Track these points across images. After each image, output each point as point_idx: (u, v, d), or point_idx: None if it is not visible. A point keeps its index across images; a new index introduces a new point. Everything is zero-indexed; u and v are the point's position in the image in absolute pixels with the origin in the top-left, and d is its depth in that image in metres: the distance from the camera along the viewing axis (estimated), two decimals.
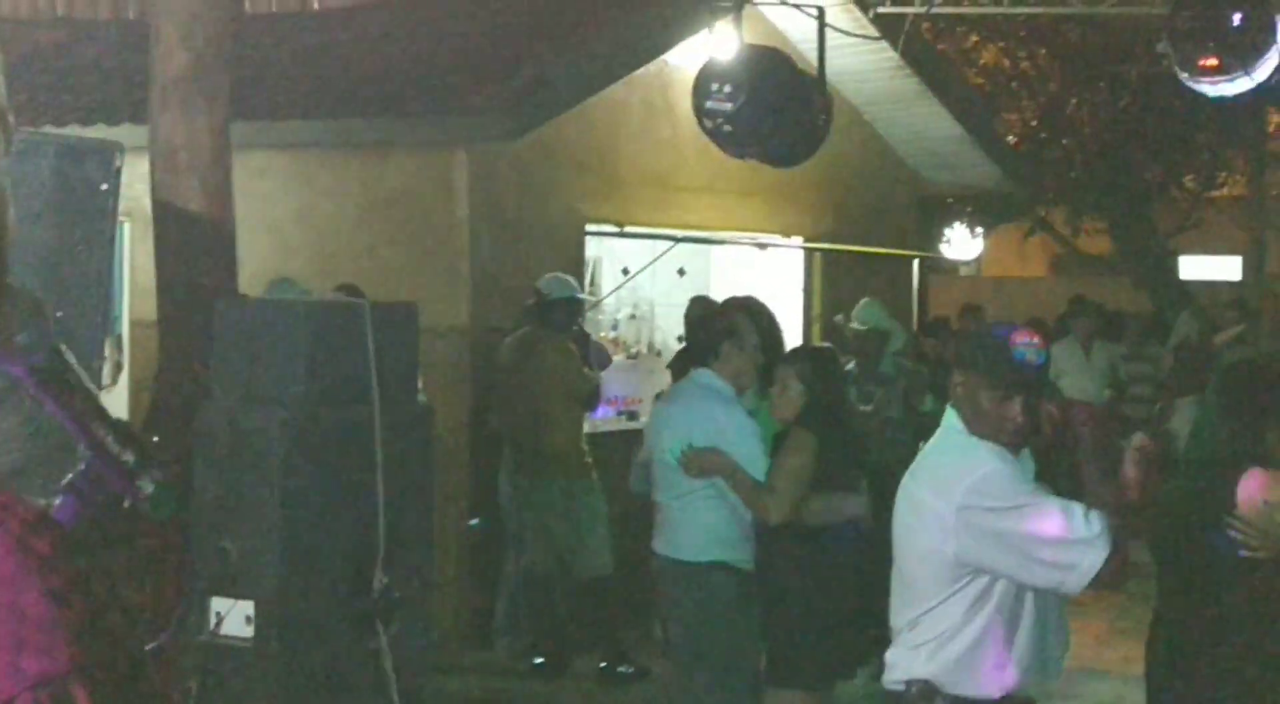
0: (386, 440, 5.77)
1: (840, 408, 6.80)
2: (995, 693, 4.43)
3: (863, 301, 10.65)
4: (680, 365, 8.44)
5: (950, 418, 4.51)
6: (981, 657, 4.42)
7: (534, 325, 9.74)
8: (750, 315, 6.95)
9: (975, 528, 4.33)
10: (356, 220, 10.54)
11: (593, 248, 11.61)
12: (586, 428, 10.18)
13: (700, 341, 6.95)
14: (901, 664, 4.54)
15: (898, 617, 4.59)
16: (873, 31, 12.25)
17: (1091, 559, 4.23)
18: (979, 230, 24.37)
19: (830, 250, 13.51)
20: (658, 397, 8.07)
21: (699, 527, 6.76)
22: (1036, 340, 4.39)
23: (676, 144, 11.64)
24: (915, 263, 15.41)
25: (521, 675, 9.62)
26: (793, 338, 13.42)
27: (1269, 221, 19.33)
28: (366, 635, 5.69)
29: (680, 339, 11.31)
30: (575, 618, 9.73)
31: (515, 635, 9.90)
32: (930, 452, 4.64)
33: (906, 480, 4.60)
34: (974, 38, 20.37)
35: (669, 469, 6.76)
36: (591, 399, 9.93)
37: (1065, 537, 4.23)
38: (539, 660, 9.63)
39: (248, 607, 5.53)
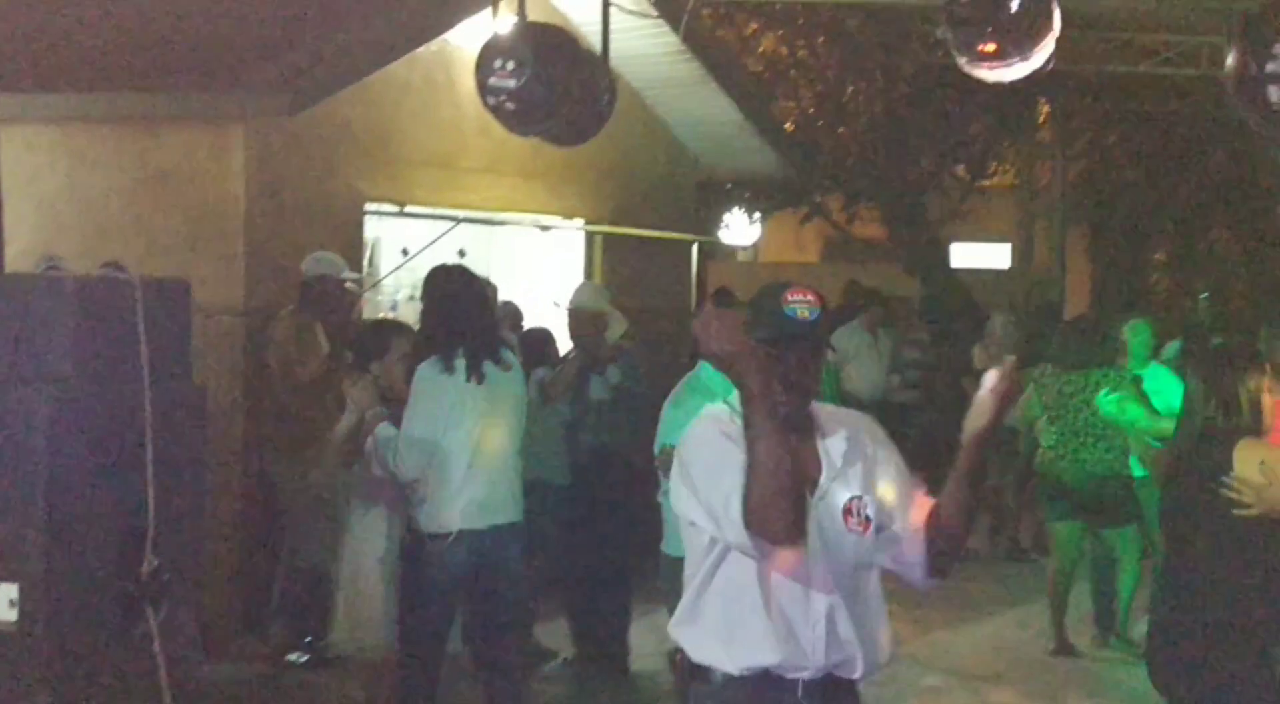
0: (156, 421, 5.63)
1: None
2: (734, 669, 4.32)
3: (579, 284, 10.58)
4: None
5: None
6: (721, 626, 4.33)
7: (298, 306, 9.61)
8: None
9: (680, 475, 4.31)
10: (129, 197, 10.28)
11: (372, 228, 11.47)
12: None
13: None
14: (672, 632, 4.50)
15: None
16: (654, 14, 12.29)
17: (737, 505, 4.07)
18: (757, 215, 24.69)
19: (611, 233, 13.54)
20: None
21: (673, 523, 6.83)
22: (810, 297, 4.27)
23: (458, 124, 11.56)
24: (695, 247, 15.50)
25: (293, 662, 9.49)
26: None
27: (1038, 211, 19.81)
28: (135, 619, 5.56)
29: None
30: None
31: (288, 621, 9.76)
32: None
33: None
34: (753, 25, 20.55)
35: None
36: (314, 387, 9.52)
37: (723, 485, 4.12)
38: (310, 644, 9.50)
39: (11, 590, 5.36)
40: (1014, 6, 6.72)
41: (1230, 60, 6.21)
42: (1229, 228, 25.20)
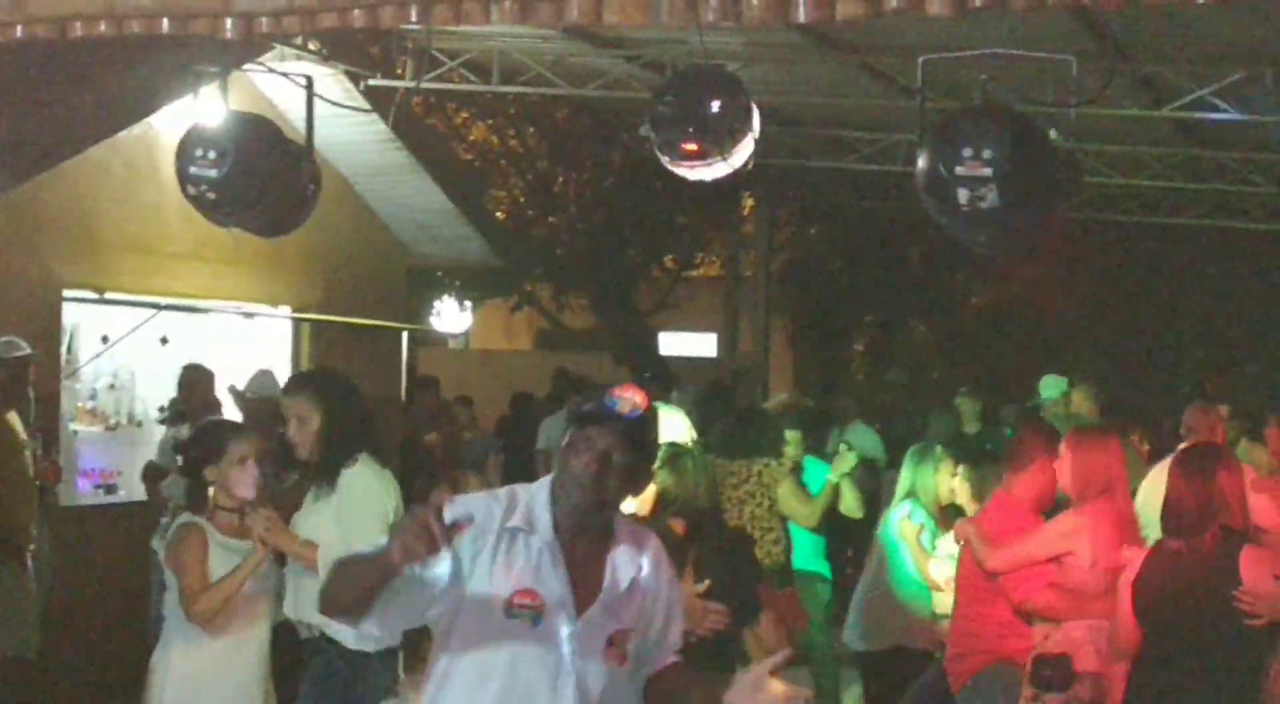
0: None
1: None
2: None
3: (257, 371, 10.45)
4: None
5: None
6: None
7: None
8: None
9: None
10: None
11: (71, 314, 11.19)
12: (65, 501, 9.78)
13: None
14: None
15: None
16: (363, 103, 12.26)
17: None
18: (468, 304, 24.71)
19: (318, 321, 13.41)
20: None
21: None
22: (638, 399, 4.15)
23: (161, 209, 11.36)
24: (404, 335, 15.44)
25: None
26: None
27: (743, 301, 20.21)
28: None
29: (161, 410, 11.01)
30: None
31: None
32: None
33: None
34: (464, 114, 20.67)
35: None
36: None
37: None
38: None
39: None
40: (714, 108, 6.86)
41: (921, 162, 6.43)
42: (924, 320, 26.00)
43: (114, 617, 10.30)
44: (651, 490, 6.44)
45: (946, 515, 8.93)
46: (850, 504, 10.00)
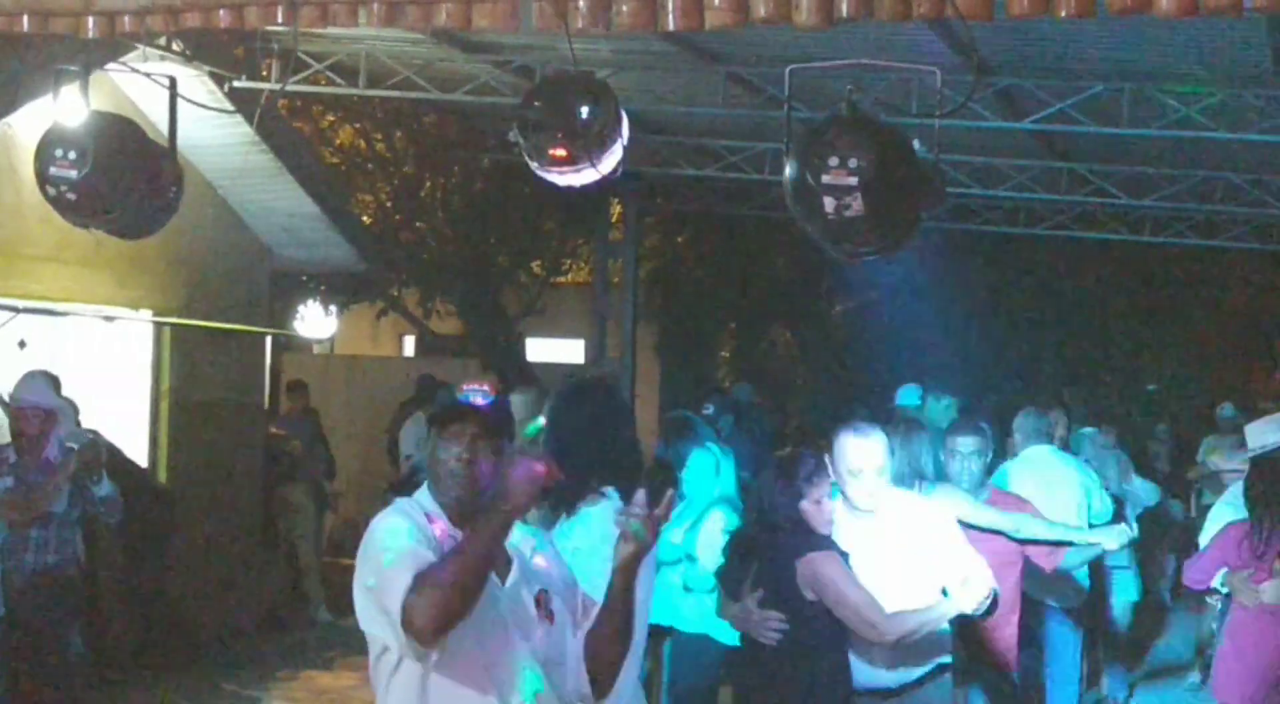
0: None
1: None
2: None
3: (26, 373, 10.16)
4: None
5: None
6: None
7: None
8: None
9: (358, 585, 4.19)
10: None
11: None
12: None
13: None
14: None
15: None
16: (227, 105, 12.14)
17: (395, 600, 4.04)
18: (333, 309, 24.50)
19: (181, 325, 13.26)
20: None
21: None
22: (486, 388, 4.48)
23: (20, 210, 11.18)
24: (268, 340, 15.30)
25: None
26: (140, 414, 13.10)
27: (610, 308, 20.23)
28: None
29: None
30: None
31: None
32: None
33: None
34: (330, 117, 20.51)
35: None
36: None
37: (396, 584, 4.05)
38: None
39: None
40: (583, 113, 6.85)
41: (788, 170, 6.47)
42: (789, 327, 26.16)
43: None
44: None
45: None
46: None
